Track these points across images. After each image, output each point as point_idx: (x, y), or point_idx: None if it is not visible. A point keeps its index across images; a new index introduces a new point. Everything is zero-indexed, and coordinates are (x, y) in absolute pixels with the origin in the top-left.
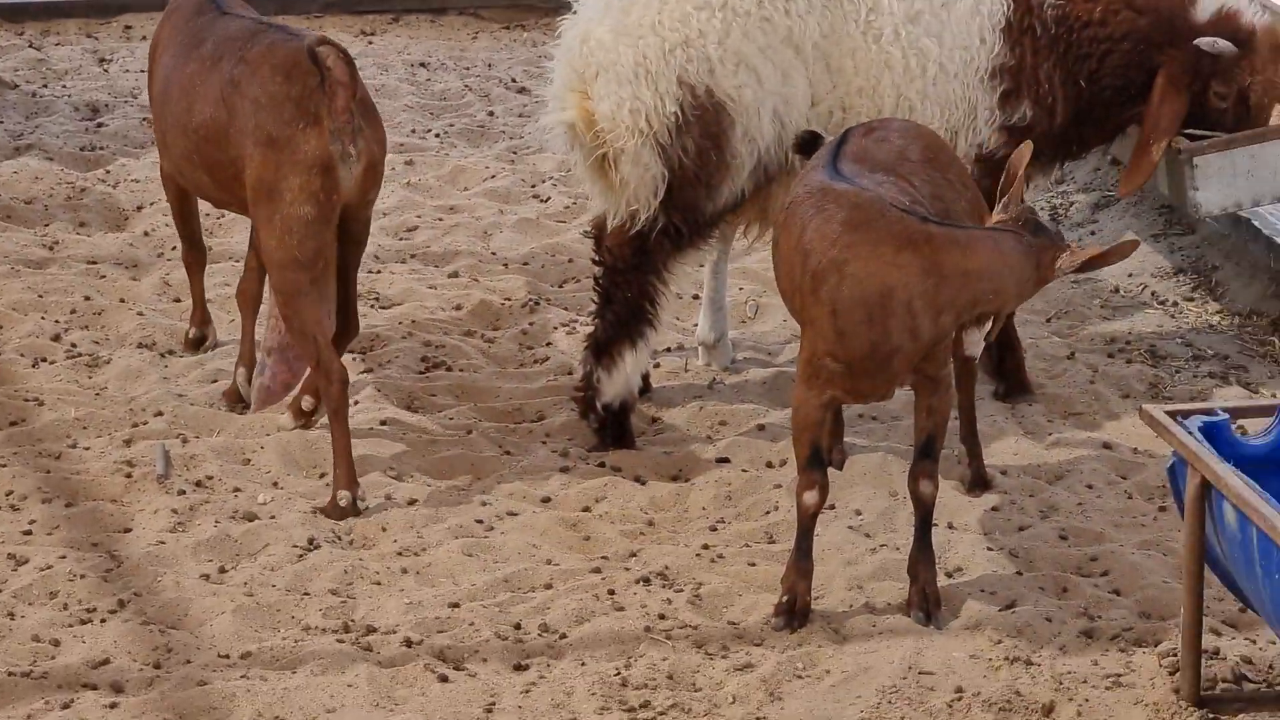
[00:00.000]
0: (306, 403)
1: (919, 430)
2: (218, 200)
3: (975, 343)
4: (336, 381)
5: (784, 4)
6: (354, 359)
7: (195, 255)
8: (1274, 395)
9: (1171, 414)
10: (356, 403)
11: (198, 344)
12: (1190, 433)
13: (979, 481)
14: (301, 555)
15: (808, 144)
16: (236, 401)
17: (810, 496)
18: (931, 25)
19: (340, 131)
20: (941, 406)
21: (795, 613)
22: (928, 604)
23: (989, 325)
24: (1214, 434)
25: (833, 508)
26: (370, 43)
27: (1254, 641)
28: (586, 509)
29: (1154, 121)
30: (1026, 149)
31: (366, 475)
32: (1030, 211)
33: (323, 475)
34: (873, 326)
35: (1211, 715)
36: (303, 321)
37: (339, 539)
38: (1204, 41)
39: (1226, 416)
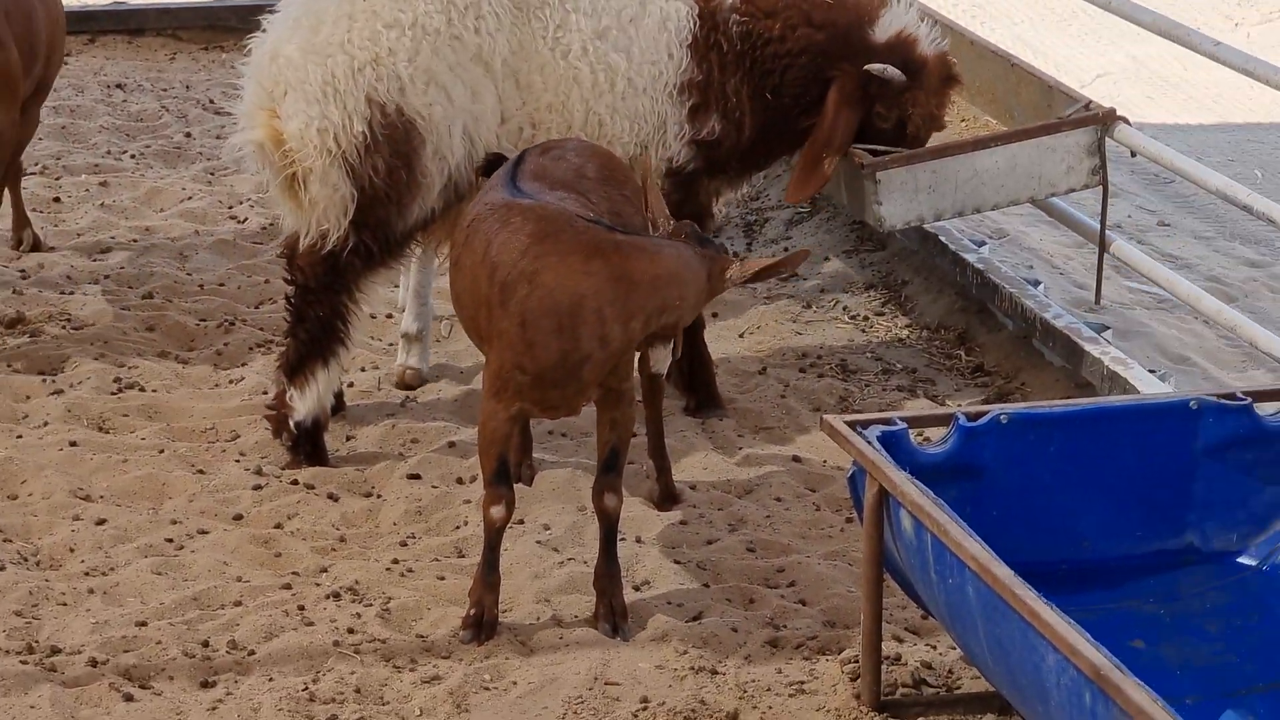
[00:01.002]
0: None
1: (602, 444)
2: None
3: (662, 360)
4: None
5: (474, 22)
6: (44, 380)
7: None
8: (959, 406)
9: (851, 424)
10: (46, 423)
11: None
12: (869, 442)
13: (667, 496)
14: None
15: (493, 165)
16: None
17: (497, 511)
18: (620, 41)
19: None
20: (624, 420)
21: (482, 625)
22: (614, 616)
23: (673, 342)
24: (892, 443)
25: (521, 522)
26: (65, 63)
27: (934, 647)
28: (278, 526)
29: (828, 135)
30: (648, 161)
31: (52, 497)
32: (689, 226)
33: (11, 497)
34: (563, 336)
35: (891, 719)
36: None
37: (25, 560)
38: (874, 68)
39: (904, 426)
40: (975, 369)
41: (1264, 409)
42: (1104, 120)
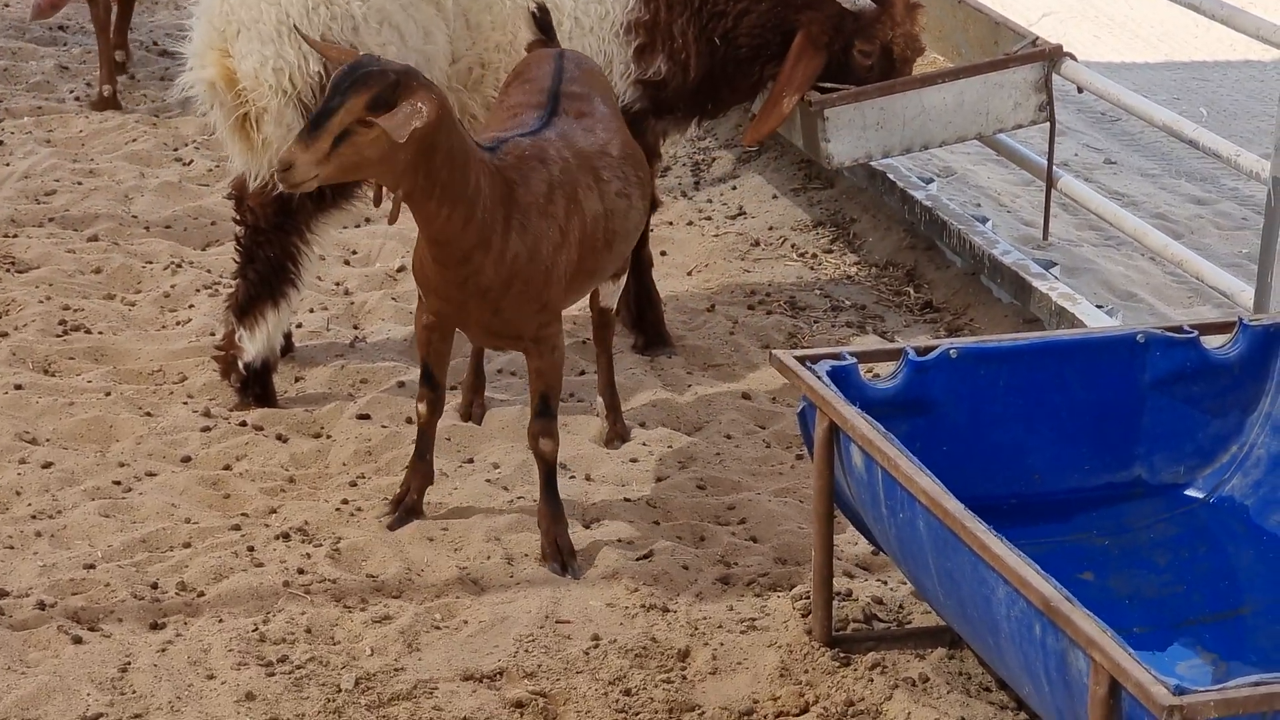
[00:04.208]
0: None
1: (531, 391)
2: None
3: (610, 293)
4: None
5: None
6: None
7: None
8: (908, 342)
9: (800, 359)
10: None
11: None
12: (819, 377)
13: (618, 434)
14: None
15: (541, 20)
16: None
17: (420, 407)
18: None
19: None
20: (549, 368)
21: (400, 506)
22: (561, 554)
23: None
24: (842, 378)
25: (471, 461)
26: (6, 5)
27: (885, 582)
28: (227, 467)
29: (788, 78)
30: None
31: None
32: None
33: None
34: None
35: (843, 654)
36: None
37: None
38: (846, 0)
39: (854, 361)
40: (924, 305)
41: (1210, 342)
42: (1051, 56)
